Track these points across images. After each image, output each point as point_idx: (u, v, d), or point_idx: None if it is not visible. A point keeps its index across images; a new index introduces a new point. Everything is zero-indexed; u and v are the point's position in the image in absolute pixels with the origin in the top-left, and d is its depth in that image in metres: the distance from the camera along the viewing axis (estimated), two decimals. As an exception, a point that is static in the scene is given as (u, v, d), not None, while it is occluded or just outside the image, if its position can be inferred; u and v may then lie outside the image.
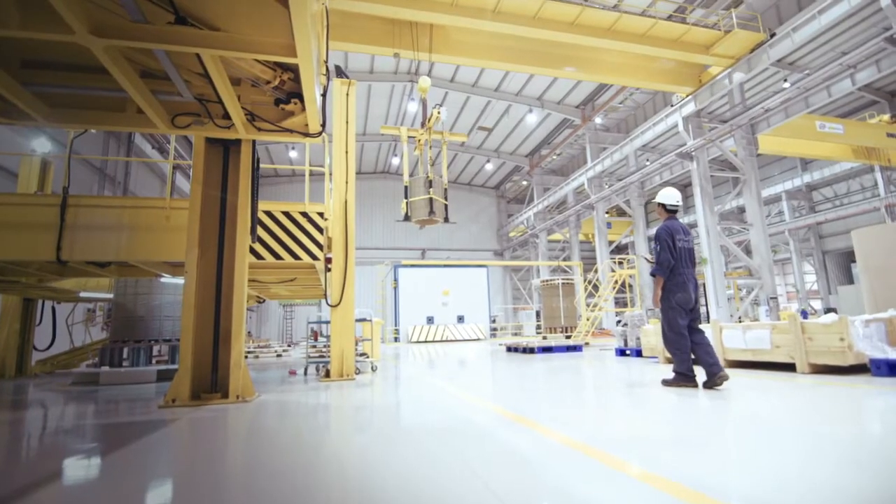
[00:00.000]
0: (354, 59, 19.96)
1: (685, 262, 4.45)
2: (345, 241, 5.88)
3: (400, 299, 24.17)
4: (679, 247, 4.45)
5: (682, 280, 4.39)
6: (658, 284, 4.46)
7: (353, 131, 6.14)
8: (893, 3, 9.65)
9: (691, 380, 4.25)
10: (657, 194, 4.80)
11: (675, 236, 4.46)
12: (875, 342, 4.24)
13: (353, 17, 10.64)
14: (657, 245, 4.50)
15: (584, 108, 23.46)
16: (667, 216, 4.70)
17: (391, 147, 28.48)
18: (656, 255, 4.49)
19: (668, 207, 4.69)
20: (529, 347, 10.68)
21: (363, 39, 10.87)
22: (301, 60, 3.20)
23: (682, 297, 4.36)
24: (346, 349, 5.79)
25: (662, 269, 4.42)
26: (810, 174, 22.47)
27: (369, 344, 8.67)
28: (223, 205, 4.52)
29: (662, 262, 4.42)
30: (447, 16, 10.55)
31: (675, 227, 4.51)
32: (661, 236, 4.50)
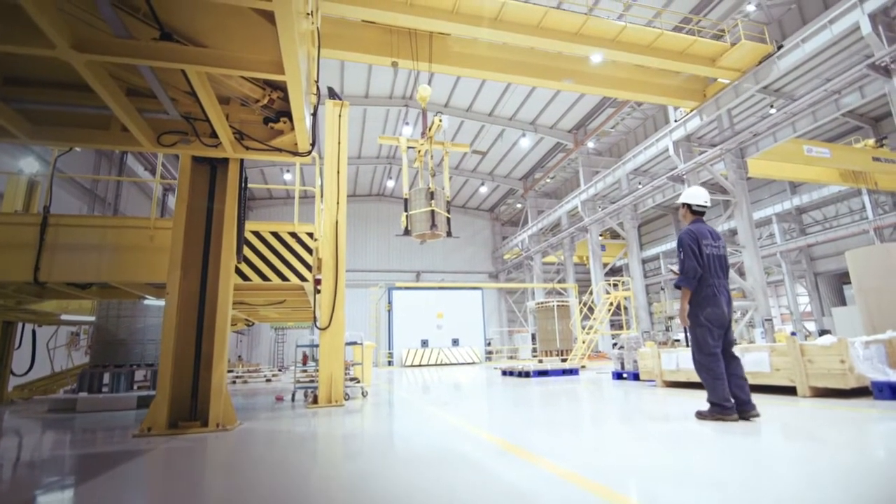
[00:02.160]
0: (350, 84, 20.22)
1: (715, 270, 3.83)
2: (335, 262, 5.75)
3: (394, 322, 23.87)
4: (707, 253, 3.83)
5: (712, 292, 3.77)
6: (684, 298, 3.82)
7: (345, 152, 6.09)
8: (874, 31, 9.93)
9: (729, 411, 3.58)
10: (681, 194, 4.18)
11: (702, 241, 3.85)
12: (875, 364, 4.13)
13: (350, 25, 10.43)
14: (680, 252, 3.91)
15: (576, 132, 23.79)
16: (692, 218, 4.08)
17: (386, 170, 28.62)
18: (680, 264, 3.90)
19: (695, 208, 4.08)
20: (525, 371, 10.47)
21: (361, 48, 10.49)
22: (289, 78, 3.15)
23: (713, 313, 3.74)
24: (335, 374, 5.59)
25: (689, 280, 3.79)
26: (799, 197, 22.73)
27: (360, 368, 8.44)
28: (208, 224, 4.40)
29: (688, 272, 3.80)
30: (448, 23, 10.15)
31: (702, 231, 3.91)
32: (684, 242, 3.89)
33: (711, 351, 3.73)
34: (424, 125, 7.34)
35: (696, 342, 3.81)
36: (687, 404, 4.68)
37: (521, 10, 10.38)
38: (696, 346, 3.83)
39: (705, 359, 3.75)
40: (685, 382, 6.27)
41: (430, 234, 7.09)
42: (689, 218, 4.11)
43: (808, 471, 2.20)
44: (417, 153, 7.84)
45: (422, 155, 7.79)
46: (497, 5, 10.06)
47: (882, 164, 16.05)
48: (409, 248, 32.48)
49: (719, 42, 12.22)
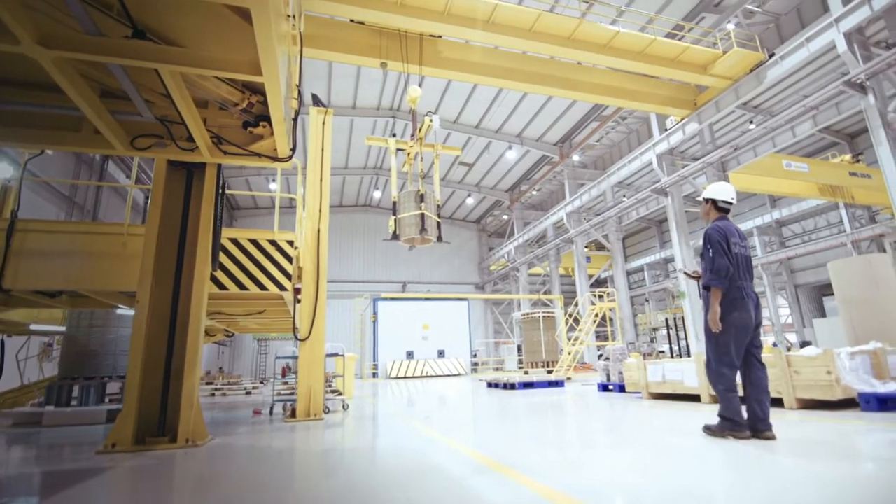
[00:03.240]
0: (337, 94, 20.17)
1: (742, 272, 3.53)
2: (316, 271, 5.61)
3: (379, 333, 23.58)
4: (735, 252, 3.53)
5: (741, 295, 3.44)
6: (715, 299, 3.45)
7: (329, 160, 5.99)
8: (850, 49, 10.22)
9: (741, 427, 3.31)
10: (705, 189, 3.84)
11: (730, 239, 3.54)
12: (861, 375, 4.12)
13: (339, 27, 10.15)
14: (708, 248, 3.55)
15: (561, 145, 24.03)
16: (717, 216, 3.76)
17: (373, 180, 28.53)
18: (709, 262, 3.52)
19: (720, 205, 3.75)
20: (510, 383, 10.35)
21: (350, 49, 10.15)
22: (267, 79, 3.06)
23: (741, 319, 3.39)
24: (315, 386, 5.42)
25: (720, 279, 3.42)
26: (779, 211, 23.22)
27: (343, 380, 8.25)
28: (183, 231, 4.25)
29: (720, 270, 3.42)
30: (439, 24, 9.88)
31: (730, 229, 3.61)
32: (712, 238, 3.55)
33: (732, 362, 3.42)
34: (414, 127, 7.11)
35: (716, 349, 3.48)
36: (674, 417, 4.62)
37: (514, 12, 10.20)
38: (715, 353, 3.49)
39: (722, 368, 3.44)
40: (671, 395, 6.23)
41: (420, 238, 6.79)
42: (714, 215, 3.79)
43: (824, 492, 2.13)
44: (407, 156, 7.60)
45: (411, 158, 7.56)
46: (489, 7, 9.89)
47: (858, 179, 16.47)
48: (395, 259, 32.31)
49: (712, 49, 12.16)
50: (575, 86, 12.58)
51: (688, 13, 14.81)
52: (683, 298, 15.04)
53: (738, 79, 12.71)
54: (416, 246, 7.30)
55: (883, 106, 10.14)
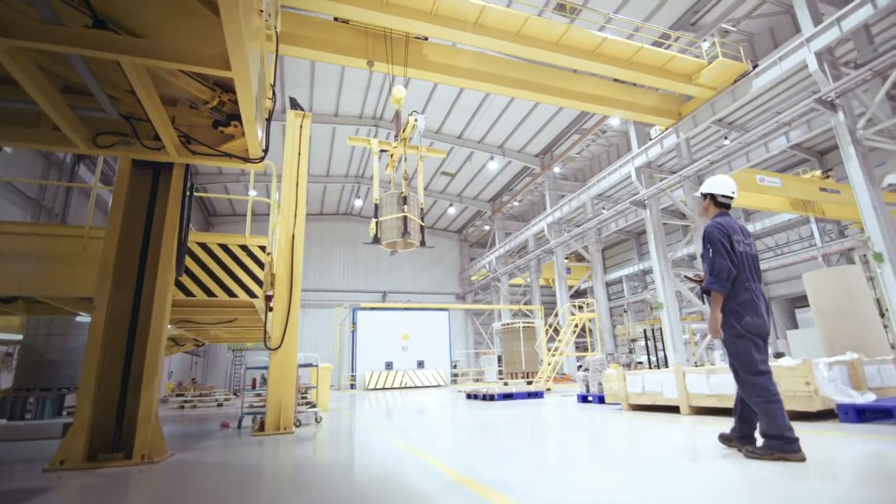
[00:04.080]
0: (319, 102, 19.99)
1: (750, 272, 3.18)
2: (289, 278, 5.42)
3: (358, 344, 23.19)
4: (740, 251, 3.18)
5: (750, 297, 3.10)
6: (716, 304, 3.11)
7: (306, 164, 5.84)
8: (820, 68, 10.58)
9: (793, 444, 2.84)
10: (703, 184, 3.53)
11: (733, 237, 3.20)
12: (840, 386, 4.13)
13: (324, 26, 9.90)
14: (708, 248, 3.20)
15: (543, 157, 24.27)
16: (717, 212, 3.42)
17: (354, 189, 28.31)
18: (710, 263, 3.17)
19: (720, 200, 3.42)
20: (489, 395, 10.22)
21: (334, 49, 9.91)
22: (236, 74, 2.92)
23: (754, 323, 3.05)
24: (286, 398, 5.20)
25: (722, 282, 3.08)
26: (753, 224, 23.81)
27: (316, 392, 8.01)
28: (147, 233, 4.04)
29: (721, 272, 3.09)
30: (426, 25, 9.69)
31: (732, 226, 3.27)
32: (713, 236, 3.19)
33: (760, 368, 3.02)
34: (398, 127, 6.95)
35: (740, 359, 3.08)
36: (655, 429, 4.55)
37: (502, 15, 10.12)
38: (739, 363, 3.09)
39: (754, 378, 3.00)
40: (650, 406, 6.19)
41: (402, 242, 6.57)
42: (713, 211, 3.46)
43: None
44: (390, 158, 7.43)
45: (394, 160, 7.38)
46: (477, 9, 9.80)
47: (828, 195, 16.99)
48: (375, 268, 32.03)
49: (697, 59, 12.30)
50: (562, 93, 12.57)
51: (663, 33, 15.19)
52: (661, 309, 15.19)
53: (721, 89, 12.84)
54: (397, 250, 7.11)
55: (852, 123, 10.49)
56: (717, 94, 12.97)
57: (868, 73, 10.15)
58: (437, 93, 19.16)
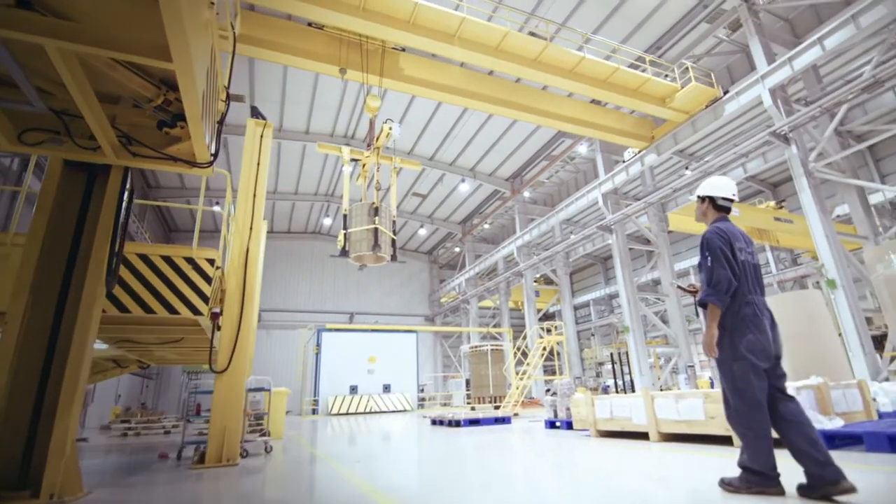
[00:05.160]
0: (290, 119, 19.68)
1: (752, 284, 2.84)
2: (241, 294, 5.04)
3: (321, 367, 22.34)
4: (742, 260, 2.84)
5: (753, 312, 2.75)
6: (713, 319, 2.74)
7: (265, 175, 5.54)
8: (774, 103, 11.12)
9: (773, 481, 2.60)
10: (699, 186, 3.20)
11: (735, 244, 2.86)
12: (808, 412, 4.06)
13: (296, 31, 9.49)
14: (707, 257, 2.84)
15: (513, 181, 24.59)
16: (716, 216, 3.07)
17: (324, 207, 27.80)
18: (707, 273, 2.81)
19: (720, 203, 3.08)
20: (455, 420, 9.88)
21: (307, 55, 9.48)
22: (178, 66, 2.67)
23: (756, 342, 2.69)
24: (231, 426, 4.75)
25: (720, 294, 2.72)
26: (713, 252, 24.63)
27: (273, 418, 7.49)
28: (76, 242, 3.64)
29: (719, 282, 2.73)
30: (404, 33, 9.44)
31: (733, 231, 2.93)
32: (712, 243, 2.85)
33: (755, 397, 2.64)
34: (371, 136, 6.68)
35: (732, 383, 2.72)
36: (626, 459, 4.36)
37: (481, 28, 10.04)
38: (732, 388, 2.73)
39: (745, 407, 2.66)
40: (619, 432, 6.02)
41: (372, 255, 6.20)
42: (713, 215, 3.10)
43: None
44: (362, 168, 7.12)
45: (366, 170, 7.08)
46: (456, 21, 9.68)
47: (782, 224, 17.78)
48: (343, 289, 31.34)
49: (670, 83, 12.61)
50: (540, 113, 12.64)
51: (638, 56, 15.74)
52: (627, 333, 15.30)
53: (693, 113, 13.17)
54: (366, 265, 6.76)
55: (804, 156, 11.01)
56: (689, 118, 13.30)
57: (817, 109, 10.73)
58: (410, 114, 19.21)
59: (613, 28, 14.24)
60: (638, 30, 14.46)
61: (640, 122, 14.76)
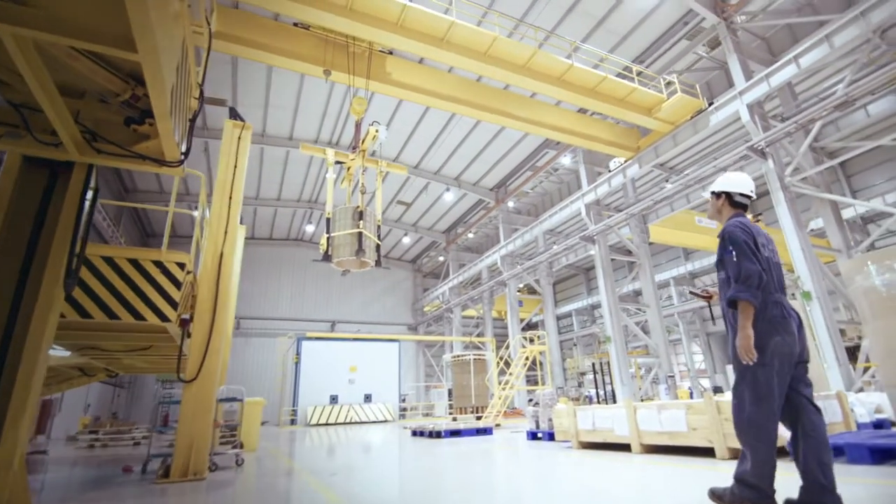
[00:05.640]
0: (273, 125, 19.45)
1: (777, 283, 2.66)
2: (213, 301, 4.84)
3: (301, 376, 21.90)
4: (766, 257, 2.65)
5: (780, 313, 2.56)
6: (747, 317, 2.48)
7: (242, 178, 5.38)
8: (752, 119, 11.36)
9: (768, 500, 2.49)
10: (716, 181, 3.01)
11: (757, 238, 2.68)
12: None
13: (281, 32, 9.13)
14: (731, 251, 2.62)
15: (497, 190, 24.68)
16: (732, 213, 2.89)
17: (307, 214, 27.47)
18: (734, 268, 2.58)
19: (737, 199, 2.89)
20: (436, 431, 9.71)
21: (292, 55, 9.15)
22: (143, 57, 2.52)
23: (783, 345, 2.49)
24: (200, 438, 4.53)
25: (751, 289, 2.49)
26: (692, 263, 25.05)
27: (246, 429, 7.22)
28: (33, 242, 3.43)
29: (750, 276, 2.50)
30: (392, 35, 9.27)
31: (755, 227, 2.76)
32: (736, 236, 2.63)
33: (773, 408, 2.46)
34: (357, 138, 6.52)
35: (755, 389, 2.51)
36: (606, 472, 4.28)
37: (470, 33, 9.92)
38: (752, 394, 2.52)
39: (762, 417, 2.48)
40: (602, 444, 5.95)
41: (356, 261, 5.98)
42: (728, 212, 2.91)
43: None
44: (346, 171, 6.94)
45: (351, 173, 6.91)
46: (445, 24, 9.56)
47: (758, 237, 18.14)
48: (325, 297, 30.92)
49: (657, 94, 12.69)
50: (528, 121, 12.62)
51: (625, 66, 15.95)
52: (609, 343, 15.35)
53: (679, 124, 13.27)
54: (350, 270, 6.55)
55: (780, 171, 11.25)
56: (674, 129, 13.37)
57: (793, 125, 11.00)
58: (396, 122, 19.16)
59: (597, 41, 14.45)
60: (621, 43, 14.70)
61: (626, 132, 14.93)
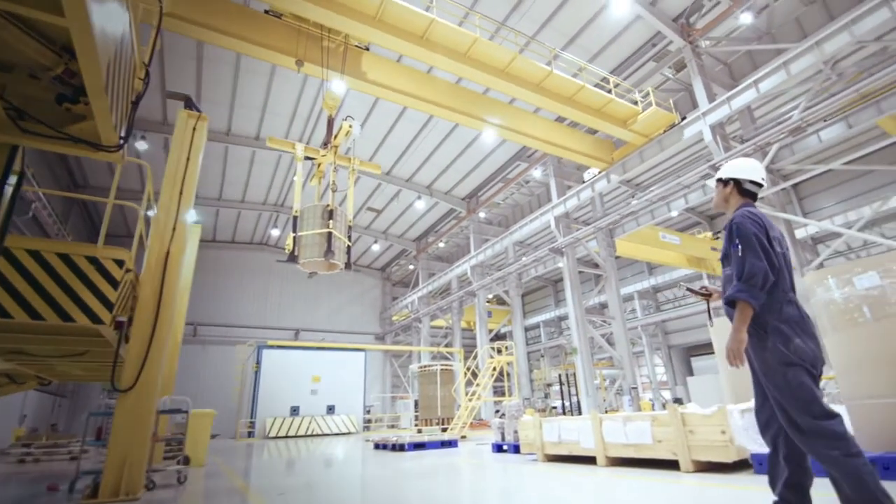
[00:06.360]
0: (240, 124, 18.82)
1: (791, 282, 2.37)
2: (157, 302, 4.46)
3: (260, 386, 21.03)
4: (779, 252, 2.38)
5: (798, 314, 2.28)
6: (743, 321, 2.22)
7: (195, 171, 5.03)
8: (714, 139, 11.76)
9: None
10: (722, 168, 2.71)
11: (770, 232, 2.38)
12: (752, 434, 4.03)
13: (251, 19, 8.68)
14: (737, 245, 2.35)
15: (469, 200, 24.69)
16: (741, 202, 2.58)
17: (272, 217, 26.69)
18: (738, 264, 2.31)
19: (746, 187, 2.58)
20: (399, 444, 9.39)
21: (263, 44, 8.66)
22: (72, 23, 2.25)
23: (805, 348, 2.20)
24: (135, 453, 4.12)
25: (753, 290, 2.22)
26: (655, 278, 25.71)
27: (193, 443, 6.74)
28: (-58, 231, 3.03)
29: (755, 275, 2.23)
30: (369, 29, 8.92)
31: (767, 219, 2.44)
32: (744, 228, 2.35)
33: (824, 407, 2.10)
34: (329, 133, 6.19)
35: (795, 395, 2.13)
36: (571, 487, 4.13)
37: (451, 32, 9.68)
38: (795, 402, 2.13)
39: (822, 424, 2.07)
40: (567, 456, 5.82)
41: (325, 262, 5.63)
42: (737, 201, 2.60)
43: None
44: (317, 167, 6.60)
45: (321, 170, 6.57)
46: (425, 21, 9.30)
47: (717, 254, 18.79)
48: (290, 304, 30.05)
49: (633, 106, 12.88)
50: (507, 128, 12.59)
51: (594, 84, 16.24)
52: (576, 355, 15.42)
53: (652, 137, 13.51)
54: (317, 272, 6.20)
55: (740, 189, 11.62)
56: (647, 142, 13.61)
57: (751, 147, 11.43)
58: (368, 127, 18.92)
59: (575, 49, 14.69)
60: (592, 61, 15.02)
61: (601, 144, 15.15)
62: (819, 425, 2.07)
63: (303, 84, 16.56)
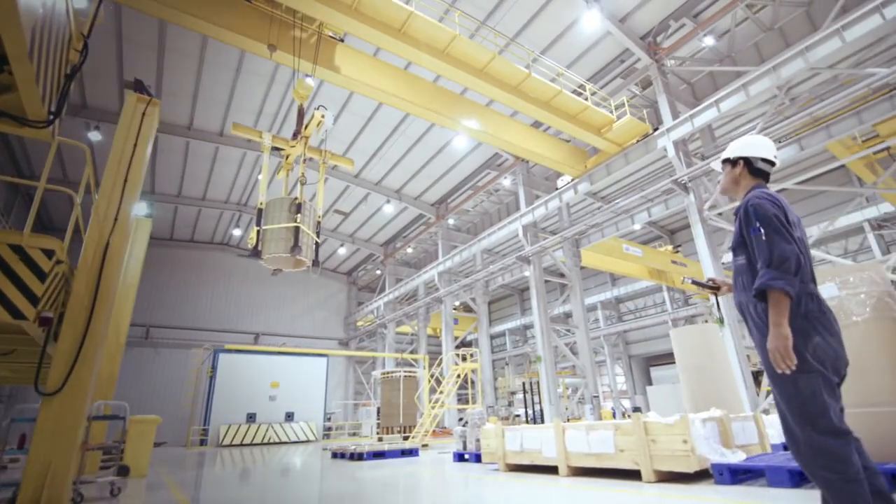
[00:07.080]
0: (203, 118, 18.08)
1: (810, 273, 2.07)
2: (92, 298, 4.08)
3: (215, 392, 20.10)
4: (799, 237, 2.07)
5: (818, 308, 2.02)
6: (782, 313, 1.91)
7: (142, 160, 4.67)
8: (677, 155, 12.11)
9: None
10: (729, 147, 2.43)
11: (789, 215, 2.10)
12: (712, 444, 4.03)
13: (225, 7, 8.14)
14: (759, 229, 2.05)
15: (438, 206, 24.60)
16: (753, 183, 2.31)
17: (234, 217, 25.77)
18: (764, 250, 2.01)
19: (759, 166, 2.32)
20: (358, 453, 9.09)
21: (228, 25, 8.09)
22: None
23: (827, 347, 1.96)
24: (59, 464, 3.72)
25: (788, 277, 1.93)
26: (618, 289, 26.32)
27: (134, 452, 6.27)
28: None
29: (787, 260, 1.95)
30: (345, 18, 8.57)
31: (785, 201, 2.17)
32: (764, 210, 2.07)
33: (835, 424, 1.87)
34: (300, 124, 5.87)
35: (802, 406, 1.92)
36: (535, 499, 4.01)
37: (430, 27, 9.49)
38: (801, 413, 1.92)
39: (825, 440, 1.86)
40: (529, 466, 5.72)
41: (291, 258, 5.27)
42: (747, 183, 2.32)
43: None
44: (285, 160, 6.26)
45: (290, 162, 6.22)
46: (404, 14, 9.08)
47: (677, 266, 19.40)
48: (250, 307, 29.02)
49: (608, 114, 12.99)
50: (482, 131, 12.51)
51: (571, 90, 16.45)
52: (540, 363, 15.48)
53: (625, 146, 13.68)
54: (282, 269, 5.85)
55: (700, 204, 12.01)
56: (620, 151, 13.79)
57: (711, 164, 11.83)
58: (338, 128, 18.57)
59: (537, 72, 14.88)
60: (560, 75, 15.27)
61: (576, 152, 15.30)
62: (821, 441, 1.86)
63: (271, 80, 16.11)
